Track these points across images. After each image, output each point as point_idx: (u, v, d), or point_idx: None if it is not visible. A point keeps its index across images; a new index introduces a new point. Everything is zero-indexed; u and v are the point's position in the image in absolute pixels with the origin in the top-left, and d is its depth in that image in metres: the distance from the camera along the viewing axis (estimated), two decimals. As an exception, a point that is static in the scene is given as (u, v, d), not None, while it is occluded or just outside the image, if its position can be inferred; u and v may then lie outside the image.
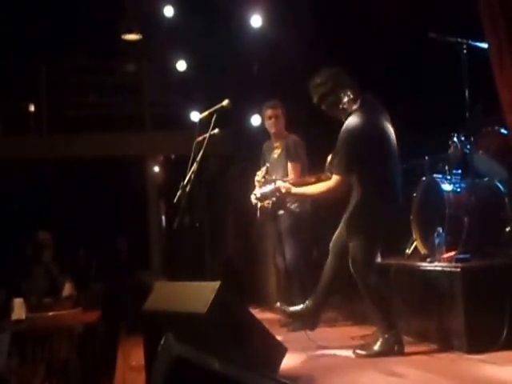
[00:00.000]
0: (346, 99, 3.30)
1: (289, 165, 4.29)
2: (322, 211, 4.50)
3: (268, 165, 4.28)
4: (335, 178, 3.25)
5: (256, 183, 4.27)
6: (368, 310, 3.41)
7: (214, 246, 8.66)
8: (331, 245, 3.53)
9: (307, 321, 3.53)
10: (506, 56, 3.54)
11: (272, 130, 4.43)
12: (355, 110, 3.31)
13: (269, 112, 4.39)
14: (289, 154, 4.31)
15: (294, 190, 3.44)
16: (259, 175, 4.23)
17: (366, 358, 3.24)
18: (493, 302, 3.17)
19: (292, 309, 3.57)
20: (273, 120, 4.38)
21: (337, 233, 3.53)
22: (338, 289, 3.53)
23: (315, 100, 3.36)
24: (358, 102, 3.33)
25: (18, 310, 3.89)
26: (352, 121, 3.26)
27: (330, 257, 3.51)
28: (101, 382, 4.11)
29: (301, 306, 3.54)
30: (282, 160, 4.34)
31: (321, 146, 3.75)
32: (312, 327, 3.54)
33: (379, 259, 4.14)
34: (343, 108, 3.32)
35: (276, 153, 4.39)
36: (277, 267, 4.48)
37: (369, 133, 3.26)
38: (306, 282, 4.37)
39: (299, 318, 3.55)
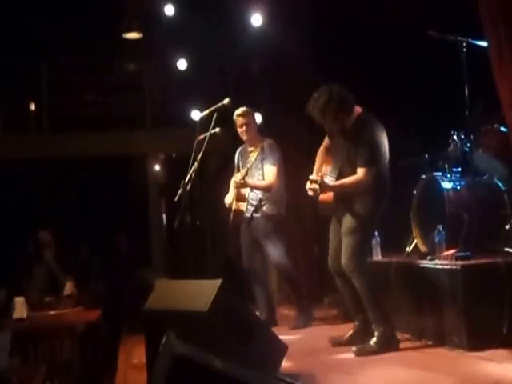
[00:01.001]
0: (344, 114, 3.36)
1: (265, 168, 4.23)
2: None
3: (248, 167, 4.27)
4: (362, 170, 3.29)
5: (233, 183, 4.28)
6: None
7: (214, 244, 8.67)
8: (331, 265, 3.55)
9: (365, 337, 3.46)
10: (505, 54, 3.54)
11: (244, 138, 4.35)
12: (362, 115, 3.39)
13: (239, 120, 4.30)
14: (265, 158, 4.26)
15: (332, 183, 3.39)
16: (238, 177, 4.25)
17: (365, 356, 3.25)
18: (493, 300, 3.17)
19: (345, 337, 3.54)
20: (244, 128, 4.30)
21: (331, 250, 3.54)
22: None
23: (318, 118, 3.36)
24: (360, 111, 3.41)
25: (20, 308, 3.89)
26: (372, 122, 3.38)
27: (338, 281, 3.54)
28: (102, 380, 4.12)
29: (350, 331, 3.55)
30: (258, 163, 4.29)
31: (320, 142, 3.75)
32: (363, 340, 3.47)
33: (380, 257, 4.17)
34: (342, 122, 3.37)
35: (253, 156, 4.31)
36: (251, 270, 4.44)
37: (382, 133, 3.39)
38: (297, 280, 4.40)
39: (358, 339, 3.47)
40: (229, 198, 4.37)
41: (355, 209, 3.37)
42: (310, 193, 3.36)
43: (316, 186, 3.29)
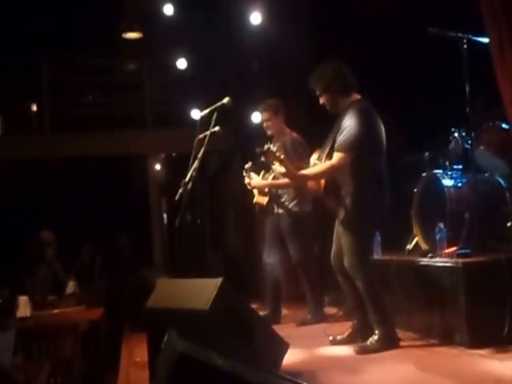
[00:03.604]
0: (346, 93, 3.37)
1: None
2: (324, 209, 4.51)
3: (250, 163, 4.32)
4: (337, 156, 3.26)
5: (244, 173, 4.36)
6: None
7: (215, 242, 8.68)
8: (334, 263, 3.54)
9: (363, 335, 3.46)
10: (506, 50, 3.54)
11: (268, 132, 4.38)
12: (358, 101, 3.37)
13: (262, 115, 4.37)
14: (287, 155, 4.26)
15: (301, 172, 3.38)
16: (246, 169, 4.32)
17: (366, 354, 3.25)
18: (494, 297, 3.17)
19: (344, 336, 3.53)
20: (266, 123, 4.34)
21: (334, 248, 3.53)
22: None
23: (319, 90, 3.40)
24: (358, 98, 3.39)
25: (23, 307, 3.92)
26: (361, 107, 3.33)
27: (340, 279, 3.52)
28: (105, 378, 4.14)
29: (349, 330, 3.53)
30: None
31: (321, 142, 3.76)
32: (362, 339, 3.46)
33: (380, 255, 4.17)
34: (342, 101, 3.38)
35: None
36: (268, 264, 4.45)
37: (374, 123, 3.34)
38: (314, 279, 4.40)
39: (356, 338, 3.47)
40: (255, 192, 4.44)
41: (349, 209, 3.34)
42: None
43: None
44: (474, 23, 3.69)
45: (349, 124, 3.27)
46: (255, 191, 4.42)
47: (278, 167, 3.37)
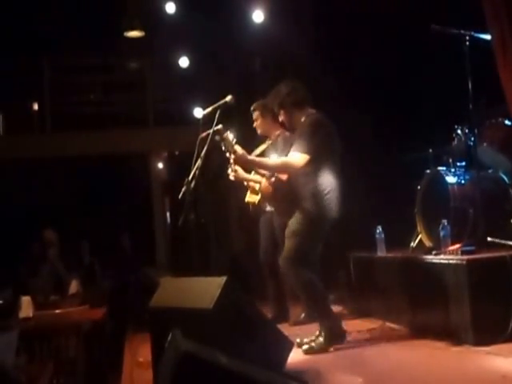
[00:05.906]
0: (300, 107, 3.50)
1: None
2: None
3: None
4: (294, 154, 3.35)
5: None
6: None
7: (219, 241, 8.67)
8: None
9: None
10: (508, 47, 3.53)
11: (258, 132, 4.42)
12: (312, 114, 3.50)
13: (253, 115, 4.40)
14: (278, 152, 4.18)
15: (250, 157, 3.52)
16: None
17: (315, 354, 3.27)
18: (499, 294, 3.16)
19: (311, 339, 3.49)
20: (255, 123, 4.38)
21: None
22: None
23: (276, 107, 3.55)
24: (313, 111, 3.51)
25: (26, 308, 3.92)
26: (318, 116, 3.47)
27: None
28: (108, 378, 4.13)
29: (316, 334, 3.49)
30: (267, 155, 4.26)
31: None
32: None
33: (384, 252, 4.16)
34: (297, 116, 3.50)
35: (263, 146, 4.36)
36: (266, 263, 4.44)
37: (328, 133, 3.42)
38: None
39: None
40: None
41: (299, 214, 3.38)
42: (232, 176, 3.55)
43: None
44: (476, 20, 3.68)
45: (304, 132, 3.38)
46: (248, 191, 4.39)
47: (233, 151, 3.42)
